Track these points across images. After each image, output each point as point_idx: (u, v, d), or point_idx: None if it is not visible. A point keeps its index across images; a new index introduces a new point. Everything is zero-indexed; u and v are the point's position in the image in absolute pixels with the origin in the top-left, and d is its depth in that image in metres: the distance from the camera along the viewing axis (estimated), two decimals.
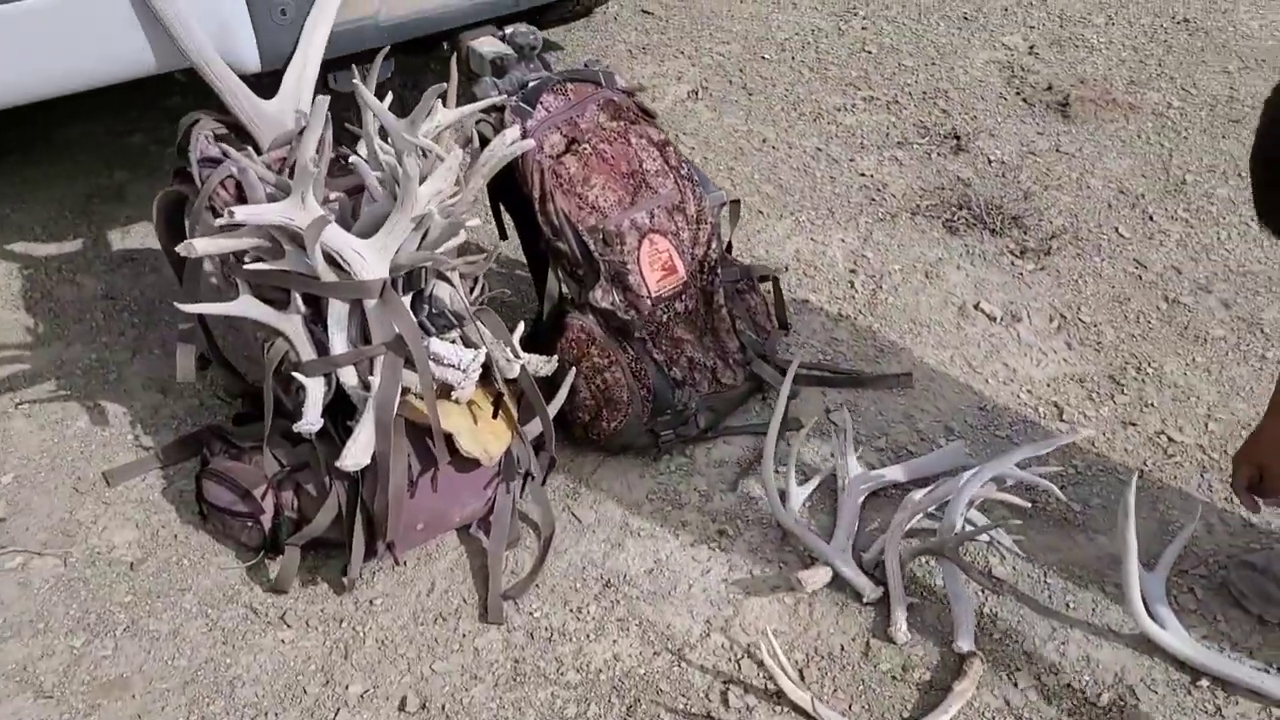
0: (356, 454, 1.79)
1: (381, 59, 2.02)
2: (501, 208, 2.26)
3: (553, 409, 2.04)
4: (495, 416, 1.90)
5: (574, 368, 2.09)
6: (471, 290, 2.00)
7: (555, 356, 1.98)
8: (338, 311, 1.81)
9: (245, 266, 1.78)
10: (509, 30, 2.35)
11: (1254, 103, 3.24)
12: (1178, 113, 3.27)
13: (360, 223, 1.85)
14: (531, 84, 2.18)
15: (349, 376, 1.83)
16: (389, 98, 2.08)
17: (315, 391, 1.82)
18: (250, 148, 2.03)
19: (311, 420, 1.81)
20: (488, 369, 1.90)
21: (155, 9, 1.91)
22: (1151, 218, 2.86)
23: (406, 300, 1.84)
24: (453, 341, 1.89)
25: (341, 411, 1.89)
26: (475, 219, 1.76)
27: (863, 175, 3.03)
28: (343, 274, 1.79)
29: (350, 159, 1.80)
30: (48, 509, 2.09)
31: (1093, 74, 3.45)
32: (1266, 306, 2.55)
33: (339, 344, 1.82)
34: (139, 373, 2.40)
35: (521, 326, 1.99)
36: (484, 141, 2.12)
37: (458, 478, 1.93)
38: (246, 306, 1.85)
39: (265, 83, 2.06)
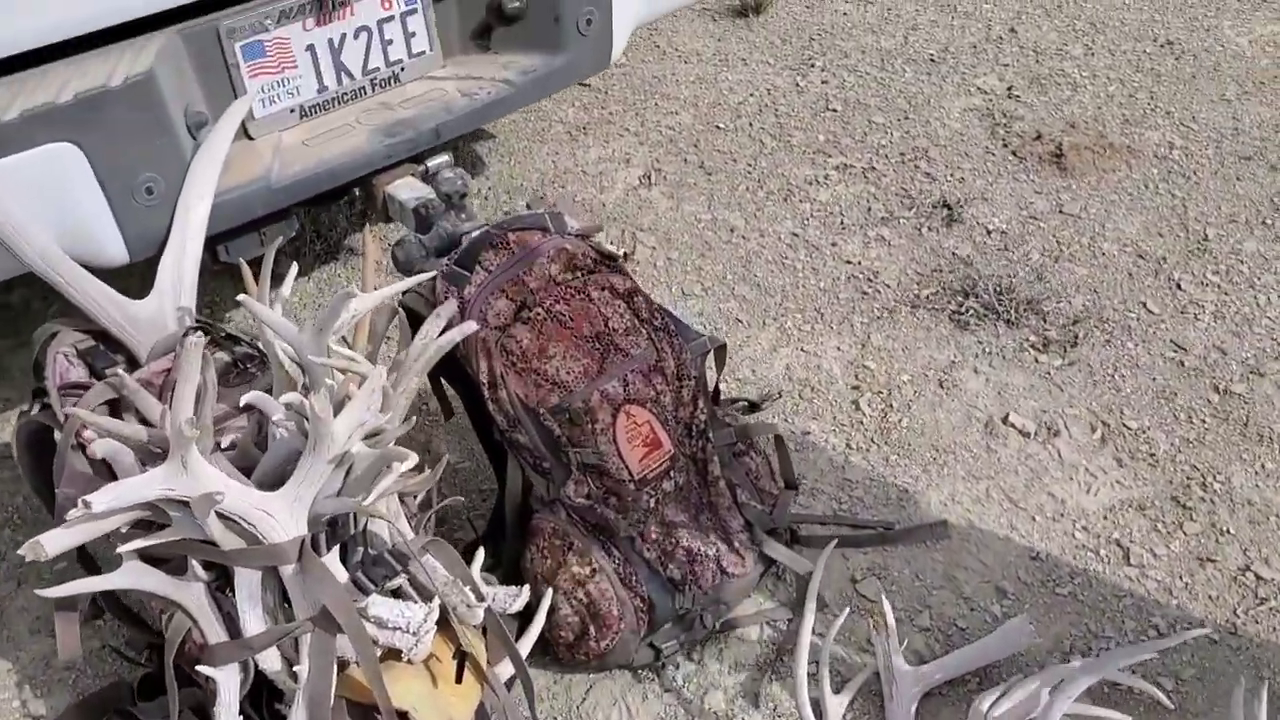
0: None
1: (278, 234, 1.64)
2: (444, 382, 1.88)
3: (527, 643, 1.67)
4: (459, 680, 1.52)
5: (550, 587, 1.71)
6: (415, 517, 1.62)
7: (526, 587, 1.60)
8: (248, 580, 1.42)
9: (122, 548, 1.39)
10: (432, 165, 1.98)
11: (1261, 134, 2.93)
12: (1182, 153, 2.95)
13: (266, 464, 1.47)
14: (465, 239, 1.80)
15: (270, 660, 1.44)
16: (291, 274, 1.70)
17: (228, 684, 1.43)
18: (123, 362, 1.64)
19: None
20: (445, 616, 1.52)
21: None
22: (1180, 286, 2.53)
23: (333, 554, 1.45)
24: (397, 593, 1.51)
25: (269, 690, 1.50)
26: (409, 461, 1.39)
27: (849, 263, 2.68)
28: (250, 536, 1.40)
29: (247, 398, 1.41)
30: None
31: (1082, 115, 3.12)
32: None
33: (253, 621, 1.43)
34: (25, 610, 1.99)
35: (481, 555, 1.61)
36: (411, 317, 1.75)
37: None
38: (133, 577, 1.46)
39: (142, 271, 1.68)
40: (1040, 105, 3.19)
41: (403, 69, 2.02)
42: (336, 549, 1.46)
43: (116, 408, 1.62)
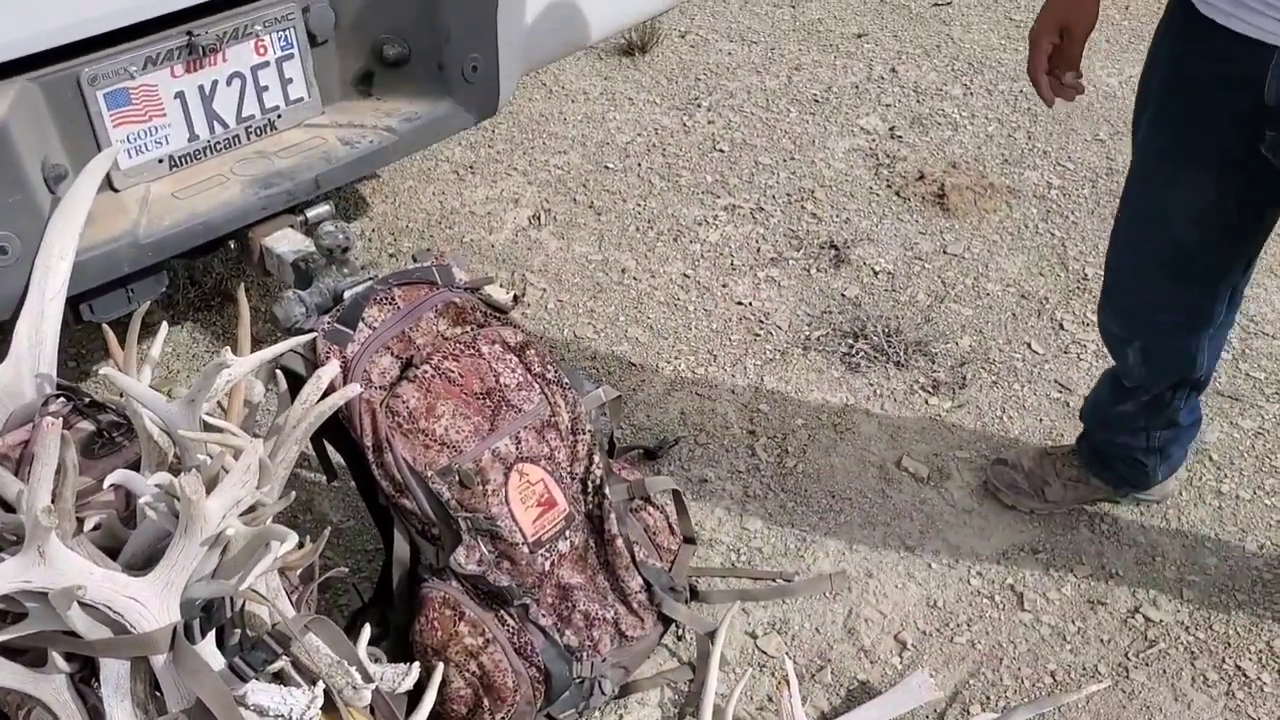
0: None
1: (148, 293, 1.55)
2: (325, 444, 1.80)
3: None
4: None
5: (441, 659, 1.64)
6: (295, 590, 1.53)
7: (416, 665, 1.53)
8: (115, 672, 1.32)
9: None
10: (311, 216, 1.90)
11: None
12: (1059, 193, 3.03)
13: (135, 545, 1.37)
14: (348, 295, 1.73)
15: None
16: (163, 330, 1.61)
17: None
18: None
19: None
20: (330, 700, 1.43)
21: None
22: (1062, 325, 2.58)
23: (208, 640, 1.36)
24: (279, 676, 1.42)
25: None
26: (290, 541, 1.31)
27: (740, 304, 2.67)
28: (117, 625, 1.30)
29: (113, 479, 1.32)
30: None
31: (963, 155, 3.18)
32: (1206, 428, 2.27)
33: (121, 715, 1.33)
34: None
35: (368, 631, 1.53)
36: (291, 379, 1.66)
37: None
38: None
39: None
40: (922, 145, 3.24)
41: (279, 116, 1.94)
42: (212, 634, 1.37)
43: None
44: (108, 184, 1.77)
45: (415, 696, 1.60)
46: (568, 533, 1.76)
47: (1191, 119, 1.58)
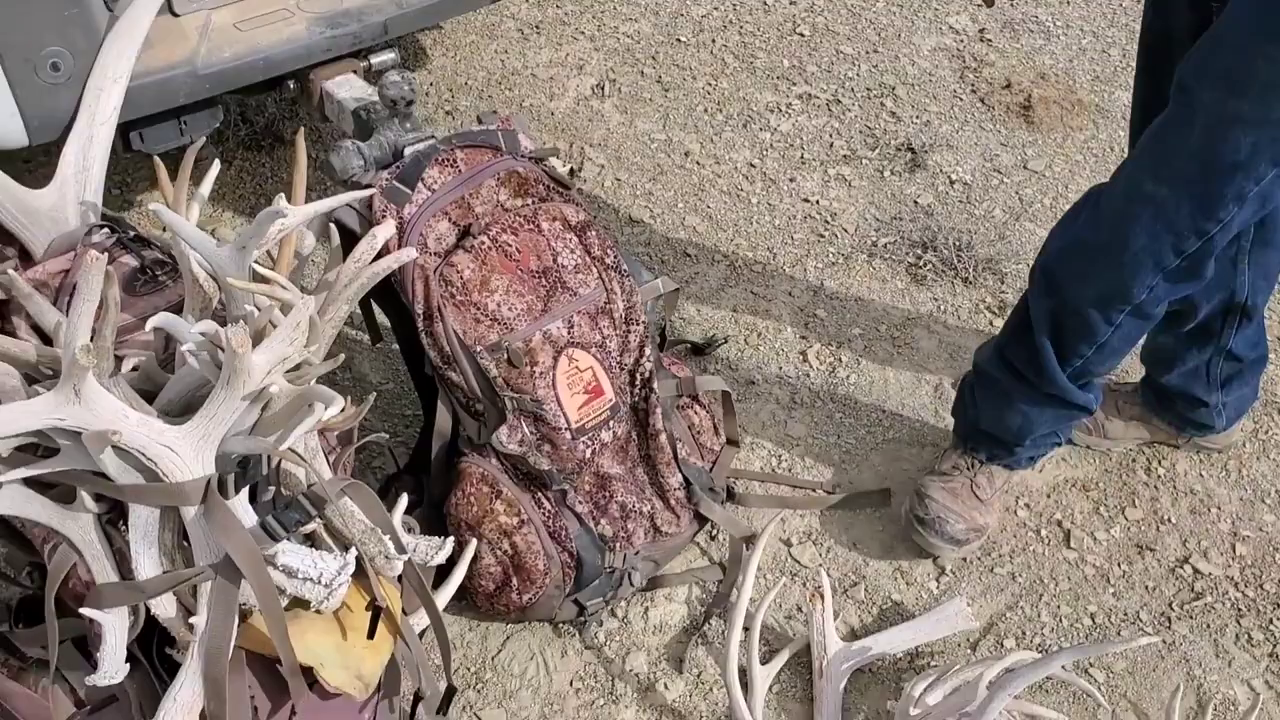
0: (177, 718, 1.29)
1: (202, 126, 1.47)
2: (373, 305, 1.73)
3: (445, 594, 1.57)
4: (372, 635, 1.41)
5: (474, 535, 1.61)
6: (333, 451, 1.49)
7: (450, 540, 1.49)
8: (143, 519, 1.29)
9: (0, 479, 1.24)
10: (376, 64, 1.80)
11: None
12: None
13: (172, 391, 1.32)
14: (409, 152, 1.64)
15: (165, 606, 1.31)
16: (213, 169, 1.54)
17: (115, 629, 1.30)
18: (14, 257, 1.47)
19: (110, 672, 1.30)
20: (361, 567, 1.40)
21: None
22: None
23: (242, 496, 1.32)
24: (311, 539, 1.39)
25: (160, 633, 1.38)
26: (335, 406, 1.26)
27: (806, 201, 2.56)
28: (149, 473, 1.26)
29: (155, 322, 1.25)
30: None
31: (1053, 68, 3.02)
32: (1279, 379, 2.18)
33: (147, 562, 1.30)
34: None
35: (404, 501, 1.49)
36: (344, 234, 1.59)
37: (323, 707, 1.44)
38: (12, 502, 1.31)
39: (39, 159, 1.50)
40: (1012, 52, 3.07)
41: None
42: (245, 491, 1.32)
43: (4, 309, 1.45)
44: (168, 7, 1.68)
45: (444, 569, 1.57)
46: (611, 423, 1.70)
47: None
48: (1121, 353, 1.72)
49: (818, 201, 2.56)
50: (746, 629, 1.64)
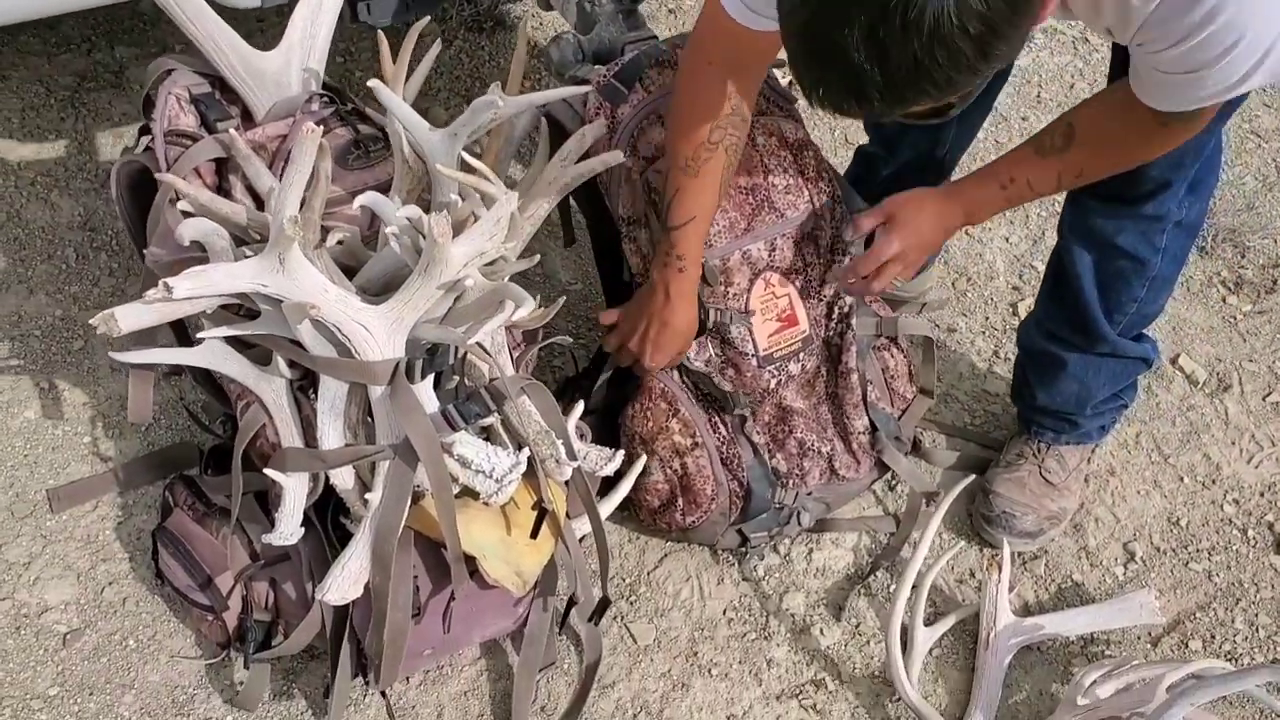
0: (343, 586, 1.32)
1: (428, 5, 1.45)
2: (572, 204, 1.70)
3: (610, 504, 1.56)
4: (535, 535, 1.41)
5: (646, 450, 1.58)
6: (517, 348, 1.48)
7: (620, 453, 1.47)
8: (332, 391, 1.31)
9: (203, 334, 1.27)
10: None
11: None
12: None
13: (372, 270, 1.32)
14: (629, 50, 1.58)
15: (344, 478, 1.34)
16: (434, 49, 1.52)
17: (295, 492, 1.33)
18: (237, 117, 1.49)
19: (286, 532, 1.34)
20: (531, 467, 1.39)
21: None
22: None
23: (427, 382, 1.32)
24: (487, 432, 1.39)
25: (336, 501, 1.41)
26: (526, 307, 1.23)
27: None
28: (342, 348, 1.27)
29: (363, 200, 1.25)
30: None
31: None
32: None
33: (332, 433, 1.32)
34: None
35: (580, 407, 1.47)
36: (554, 128, 1.56)
37: (480, 596, 1.46)
38: (213, 357, 1.35)
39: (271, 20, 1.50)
40: None
41: None
42: (431, 378, 1.33)
43: (223, 166, 1.48)
44: None
45: (611, 479, 1.55)
46: (801, 355, 1.64)
47: None
48: (1172, 281, 1.59)
49: None
50: (915, 587, 1.57)
